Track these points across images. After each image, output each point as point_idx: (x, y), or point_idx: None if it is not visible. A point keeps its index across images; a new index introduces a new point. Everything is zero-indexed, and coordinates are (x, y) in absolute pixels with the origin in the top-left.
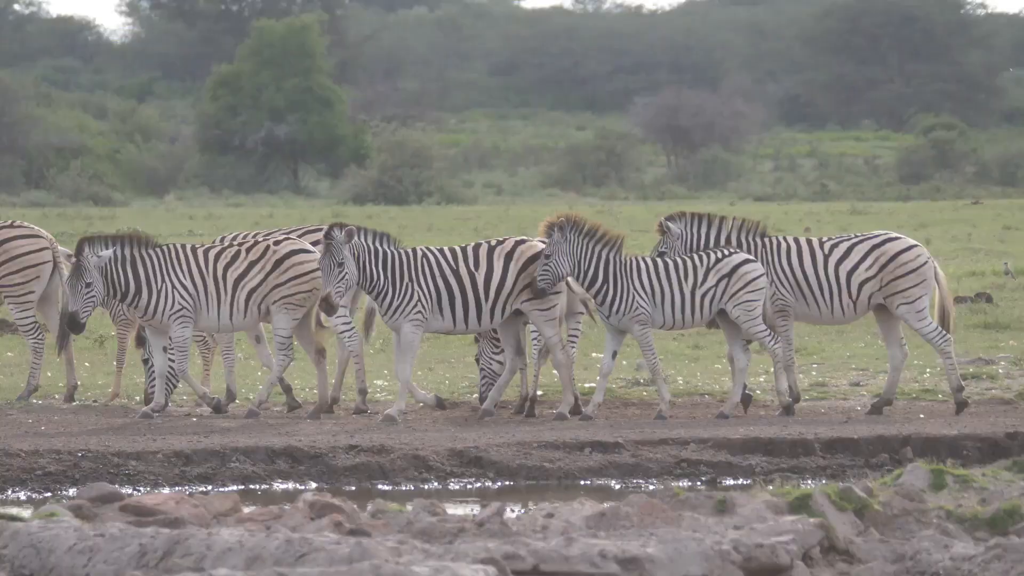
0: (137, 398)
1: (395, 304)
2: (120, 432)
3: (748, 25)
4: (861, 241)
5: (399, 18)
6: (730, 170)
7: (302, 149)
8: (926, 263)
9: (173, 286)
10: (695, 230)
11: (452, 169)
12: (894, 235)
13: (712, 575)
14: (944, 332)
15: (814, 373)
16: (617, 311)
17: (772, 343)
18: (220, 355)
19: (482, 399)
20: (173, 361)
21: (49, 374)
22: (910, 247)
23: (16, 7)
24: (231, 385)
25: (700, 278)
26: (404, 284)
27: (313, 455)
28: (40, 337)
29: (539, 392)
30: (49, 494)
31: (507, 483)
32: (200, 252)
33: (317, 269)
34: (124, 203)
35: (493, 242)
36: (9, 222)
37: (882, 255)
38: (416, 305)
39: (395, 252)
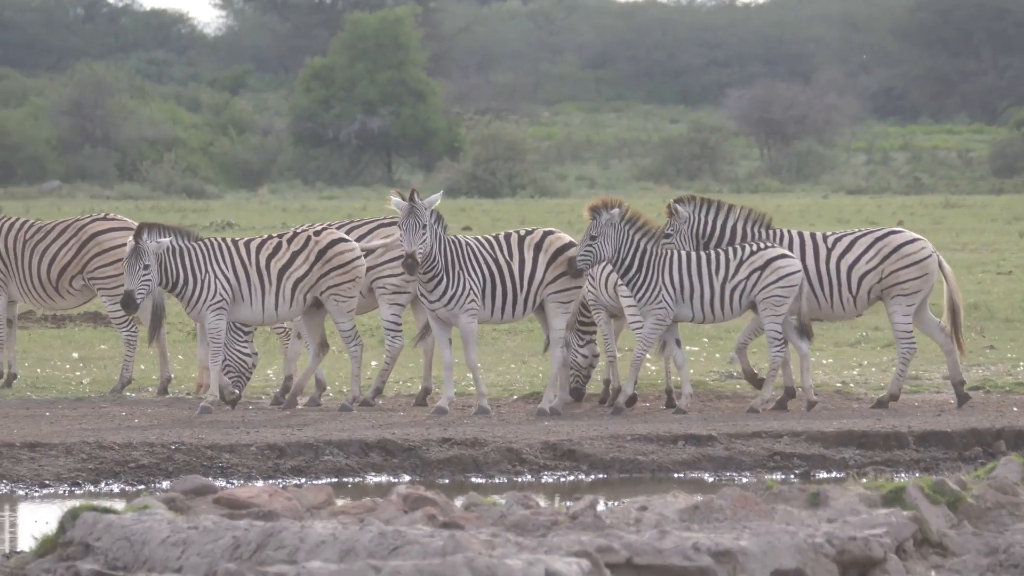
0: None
1: (451, 292)
2: (213, 425)
3: (841, 18)
4: (864, 235)
5: (492, 11)
6: (823, 163)
7: (395, 142)
8: (929, 256)
9: (216, 277)
10: (703, 215)
11: (545, 162)
12: (898, 229)
13: (805, 568)
14: (913, 343)
15: None
16: (641, 299)
17: (776, 349)
18: (306, 347)
19: (572, 392)
20: (246, 352)
21: (142, 367)
22: (913, 240)
23: (110, 0)
24: (319, 376)
25: (732, 271)
26: (456, 272)
27: (407, 448)
28: (133, 330)
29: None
30: (142, 487)
31: (600, 476)
32: (241, 244)
33: (358, 258)
34: (217, 196)
35: (523, 232)
36: (102, 214)
37: (885, 247)
38: (470, 295)
39: (448, 238)
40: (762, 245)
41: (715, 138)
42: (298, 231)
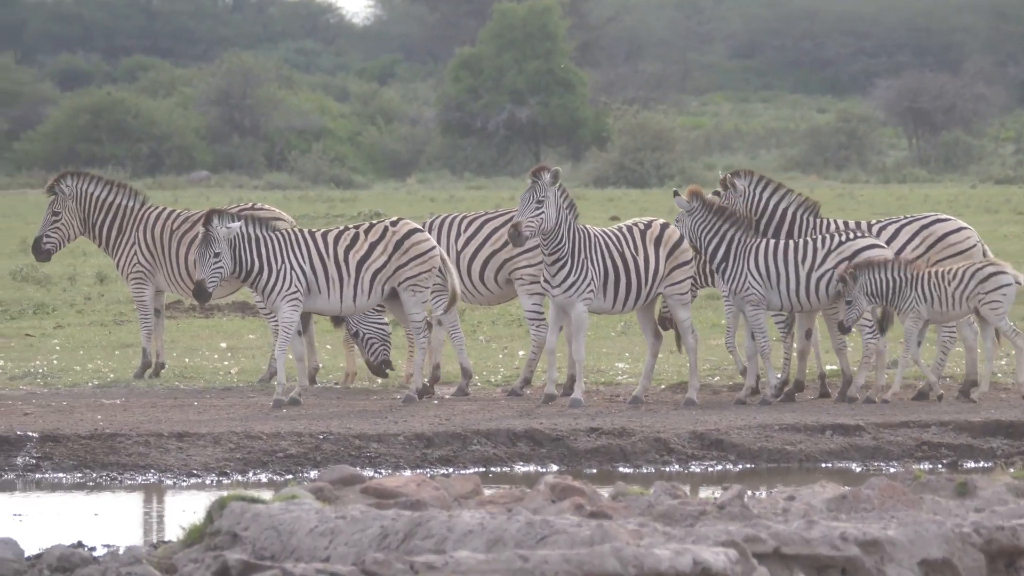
0: (379, 380)
1: (571, 279)
2: (361, 414)
3: (989, 7)
4: (910, 222)
5: (640, 0)
6: (971, 153)
7: (543, 131)
8: (975, 245)
9: (292, 268)
10: (758, 192)
11: (693, 152)
12: (944, 216)
13: (953, 558)
14: (954, 327)
15: None
16: (732, 287)
17: (870, 336)
18: (448, 336)
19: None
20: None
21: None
22: (959, 228)
23: None
24: (465, 364)
25: (819, 261)
26: (580, 260)
27: (554, 438)
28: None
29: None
30: (290, 476)
31: (748, 466)
32: (319, 235)
33: (434, 248)
34: (365, 186)
35: (642, 225)
36: (250, 204)
37: (930, 235)
38: (590, 284)
39: (576, 227)
40: (851, 235)
41: (863, 128)
42: (375, 223)
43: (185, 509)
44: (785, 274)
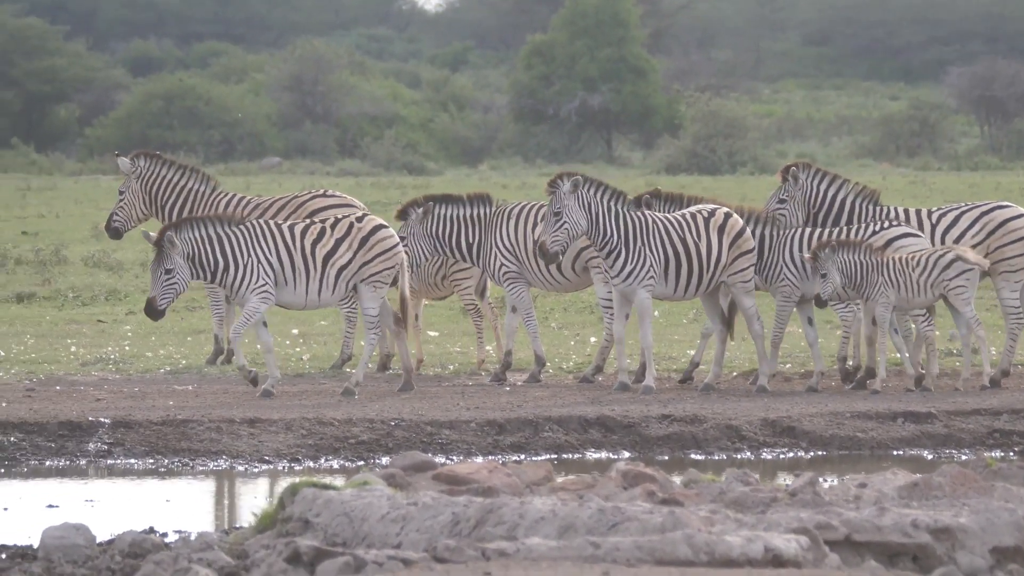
0: (451, 367)
1: (628, 268)
2: (433, 401)
3: None
4: (970, 209)
5: None
6: None
7: (616, 119)
8: None
9: (258, 261)
10: (816, 184)
11: (765, 139)
12: (1005, 204)
13: None
14: (1022, 317)
15: None
16: (767, 279)
17: (924, 324)
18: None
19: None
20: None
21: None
22: (1021, 215)
23: None
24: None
25: None
26: (637, 248)
27: (626, 424)
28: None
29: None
30: (362, 463)
31: (820, 453)
32: (285, 228)
33: (398, 244)
34: (438, 172)
35: (706, 213)
36: (322, 191)
37: (990, 221)
38: (650, 271)
39: (629, 214)
40: (885, 224)
41: (935, 115)
42: (340, 218)
43: (257, 495)
44: None
